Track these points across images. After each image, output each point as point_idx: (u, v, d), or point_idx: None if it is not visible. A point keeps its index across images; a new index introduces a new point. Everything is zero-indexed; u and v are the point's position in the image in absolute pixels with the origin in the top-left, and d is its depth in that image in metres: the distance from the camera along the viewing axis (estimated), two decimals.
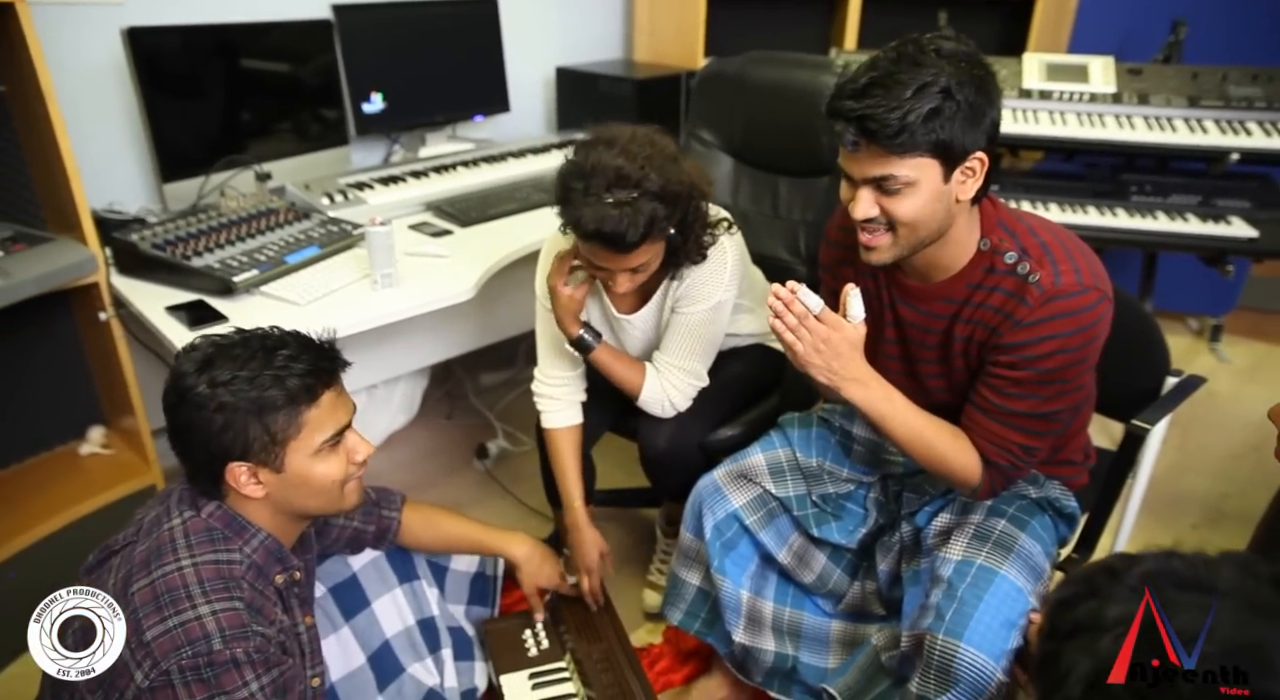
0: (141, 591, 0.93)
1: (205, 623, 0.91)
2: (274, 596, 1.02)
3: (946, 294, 1.21)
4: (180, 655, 0.89)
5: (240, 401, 0.96)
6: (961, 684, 1.14)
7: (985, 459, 1.21)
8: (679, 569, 1.56)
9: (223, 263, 1.70)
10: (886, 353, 1.31)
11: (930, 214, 1.11)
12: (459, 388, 2.67)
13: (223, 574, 0.96)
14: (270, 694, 0.94)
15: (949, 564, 1.23)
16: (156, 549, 0.97)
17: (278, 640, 0.98)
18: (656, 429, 1.57)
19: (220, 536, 0.99)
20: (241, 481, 0.99)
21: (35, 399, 1.87)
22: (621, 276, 1.39)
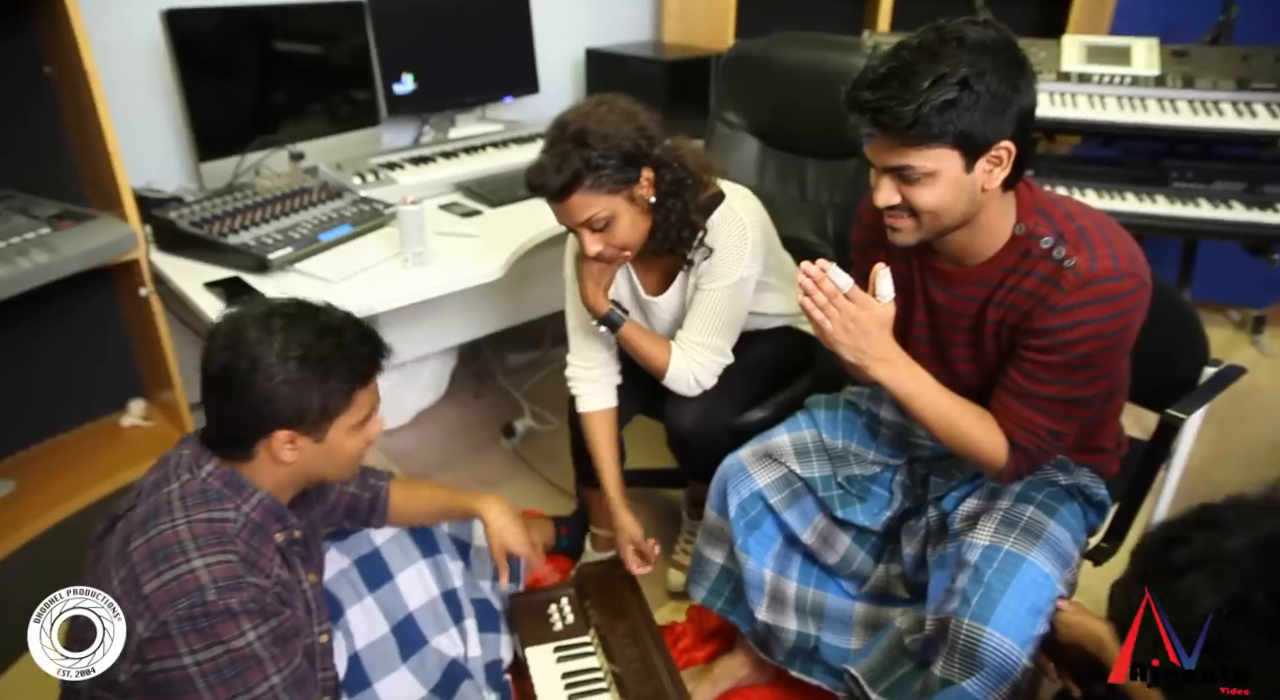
0: (139, 549, 0.96)
1: (199, 575, 0.93)
2: (273, 553, 1.04)
3: (980, 278, 1.20)
4: (176, 607, 0.92)
5: (308, 377, 1.00)
6: (986, 669, 1.15)
7: (1011, 442, 1.20)
8: (703, 547, 1.57)
9: (258, 240, 1.74)
10: (917, 335, 1.30)
11: (952, 203, 1.10)
12: (487, 367, 2.70)
13: (215, 530, 0.98)
14: (269, 643, 0.97)
15: (976, 549, 1.23)
16: (154, 510, 0.99)
17: (274, 592, 1.00)
18: (684, 410, 1.58)
19: (215, 496, 1.02)
20: (279, 447, 1.02)
21: (79, 372, 1.92)
22: (585, 235, 1.40)
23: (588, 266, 1.49)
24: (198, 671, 0.93)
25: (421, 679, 1.39)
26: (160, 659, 0.92)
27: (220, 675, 0.94)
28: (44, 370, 1.86)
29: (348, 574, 1.38)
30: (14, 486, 1.78)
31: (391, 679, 1.37)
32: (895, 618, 1.44)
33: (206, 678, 0.93)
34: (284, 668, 0.99)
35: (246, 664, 0.95)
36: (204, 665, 0.93)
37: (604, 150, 1.33)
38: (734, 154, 2.05)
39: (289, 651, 1.00)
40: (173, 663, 0.92)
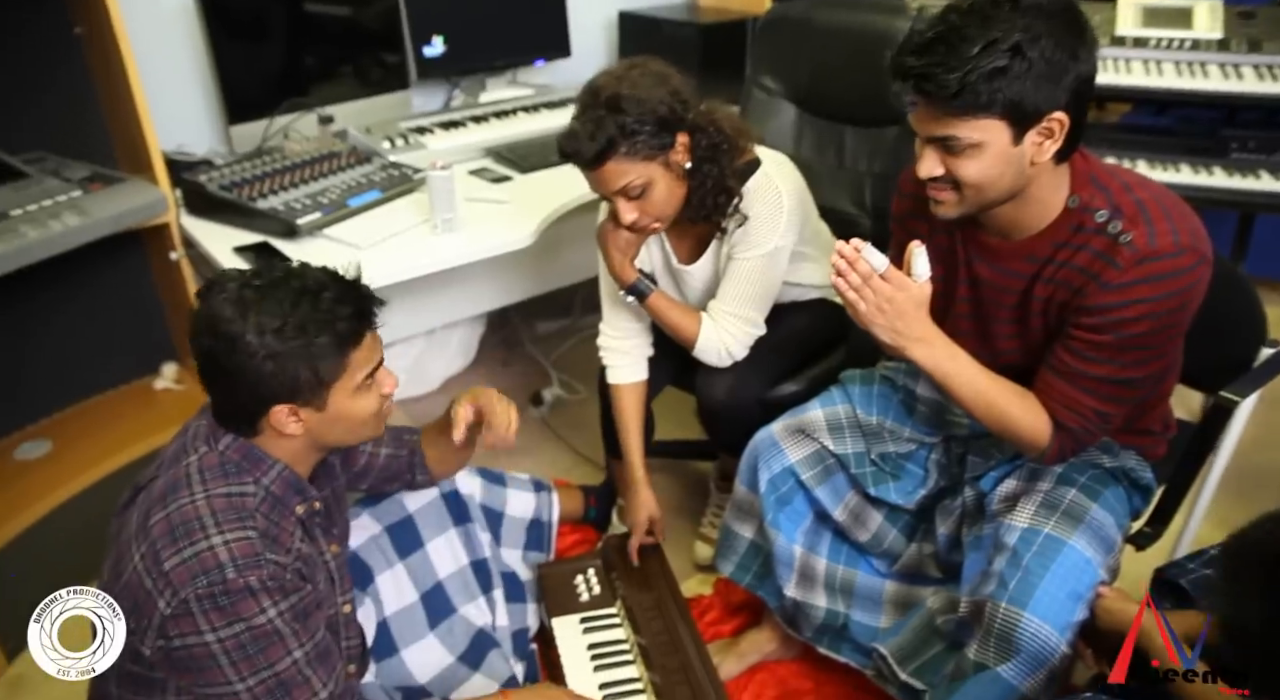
0: (158, 524, 0.95)
1: (218, 552, 0.93)
2: (294, 526, 1.03)
3: (1028, 252, 1.15)
4: (196, 584, 0.91)
5: (291, 348, 0.95)
6: (1023, 654, 1.12)
7: (1056, 422, 1.16)
8: (732, 522, 1.55)
9: (287, 205, 1.72)
10: (958, 312, 1.26)
11: (998, 176, 1.05)
12: (515, 335, 2.68)
13: (234, 505, 0.97)
14: (290, 619, 0.97)
15: (1014, 531, 1.19)
16: (173, 484, 0.99)
17: (294, 567, 0.99)
18: (715, 382, 1.55)
19: (234, 470, 1.00)
20: (281, 421, 1.00)
21: (112, 335, 1.94)
22: (619, 203, 1.36)
23: (613, 236, 1.45)
24: (220, 648, 0.93)
25: (449, 647, 1.40)
26: (183, 635, 0.93)
27: (243, 651, 0.94)
28: (78, 332, 1.88)
29: (379, 541, 1.39)
30: (51, 447, 1.80)
31: (419, 646, 1.37)
32: (926, 597, 1.41)
33: (229, 654, 0.93)
34: (306, 642, 0.99)
35: (268, 640, 0.95)
36: (226, 642, 0.93)
37: (638, 115, 1.29)
38: (770, 121, 1.99)
39: (310, 626, 1.00)
40: (195, 639, 0.93)
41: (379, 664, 1.33)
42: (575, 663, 1.41)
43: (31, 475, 1.74)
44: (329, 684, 1.00)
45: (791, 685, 1.56)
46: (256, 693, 0.95)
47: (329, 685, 1.00)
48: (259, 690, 0.95)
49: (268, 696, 0.96)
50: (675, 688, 1.34)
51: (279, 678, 0.96)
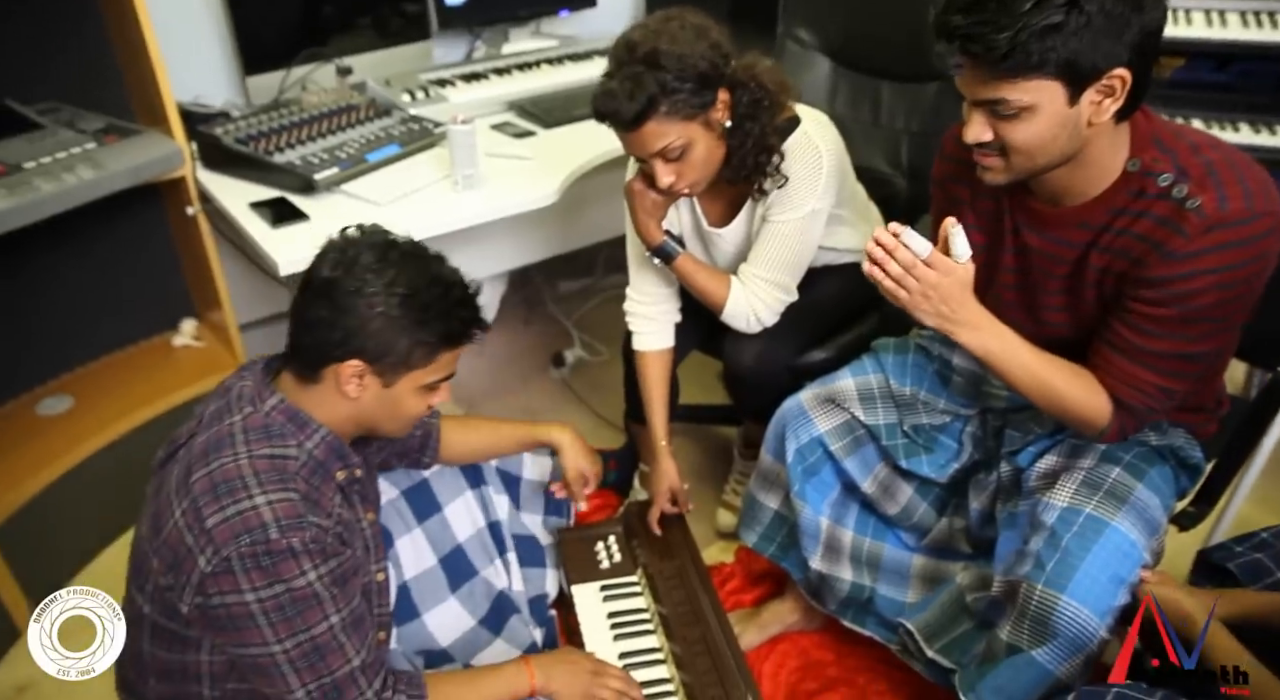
0: (200, 481, 0.94)
1: (261, 512, 0.91)
2: (333, 492, 1.02)
3: (1082, 219, 1.08)
4: (239, 543, 0.90)
5: (406, 318, 0.97)
6: (1060, 638, 1.08)
7: (1116, 400, 1.10)
8: (757, 491, 1.52)
9: (304, 160, 1.68)
10: (1003, 282, 1.19)
11: (1050, 140, 0.99)
12: (537, 294, 2.64)
13: (277, 467, 0.96)
14: (329, 583, 0.95)
15: (1053, 510, 1.15)
16: (216, 441, 0.97)
17: (335, 531, 0.98)
18: (743, 348, 1.50)
19: (278, 432, 0.99)
20: (347, 377, 0.99)
21: (131, 290, 1.92)
22: (657, 165, 1.29)
23: (641, 196, 1.39)
24: (259, 608, 0.92)
25: (470, 610, 1.39)
26: (221, 593, 0.91)
27: (281, 613, 0.92)
28: (96, 288, 1.86)
29: (396, 505, 1.37)
30: (72, 403, 1.80)
31: (440, 609, 1.36)
32: (955, 573, 1.37)
33: (268, 615, 0.92)
34: (343, 608, 0.97)
35: (307, 603, 0.94)
36: (265, 602, 0.92)
37: (679, 72, 1.21)
38: (803, 75, 1.91)
39: (348, 592, 0.99)
40: (234, 598, 0.91)
41: (400, 628, 1.32)
42: (595, 631, 1.39)
43: (54, 431, 1.73)
44: (362, 651, 0.99)
45: (813, 656, 1.55)
46: (292, 655, 0.94)
47: (362, 652, 0.99)
48: (295, 653, 0.94)
49: (303, 660, 0.95)
50: (696, 658, 1.32)
51: (315, 642, 0.95)
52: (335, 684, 0.97)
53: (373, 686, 1.00)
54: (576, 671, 1.19)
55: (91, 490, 1.71)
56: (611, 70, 1.25)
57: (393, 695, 1.01)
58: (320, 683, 0.96)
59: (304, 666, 0.95)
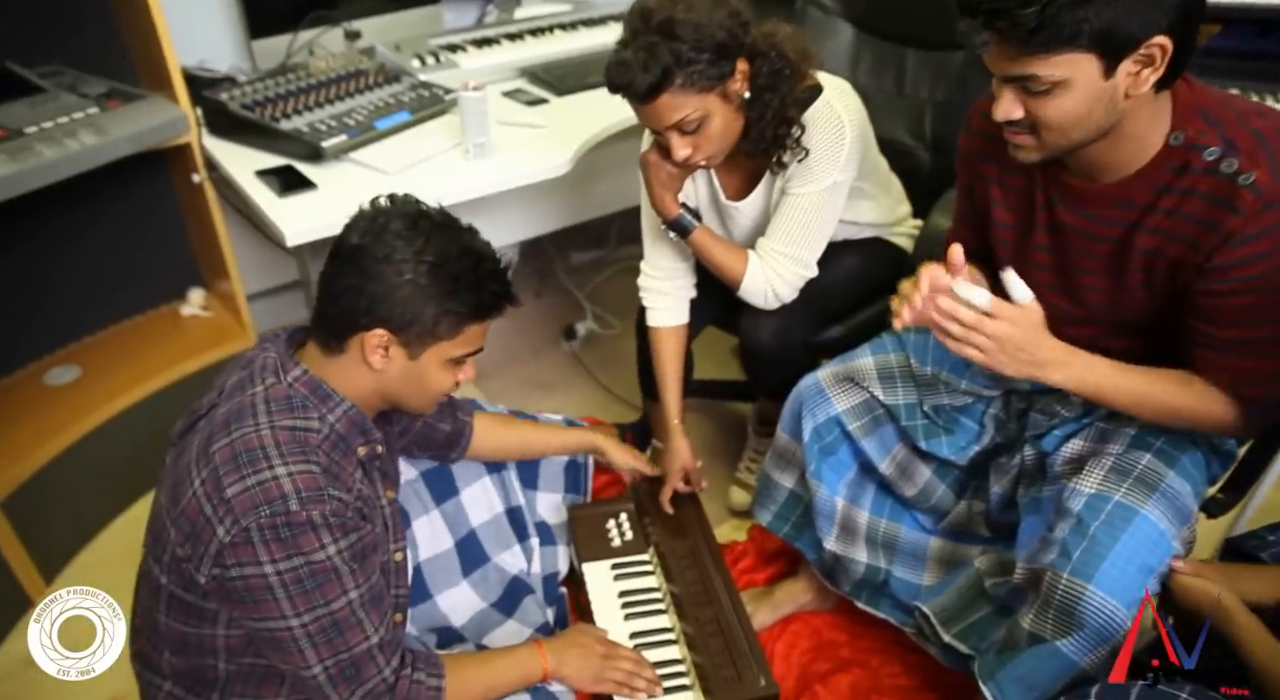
0: (221, 450, 0.92)
1: (282, 483, 0.90)
2: (354, 466, 1.01)
3: (1122, 197, 1.03)
4: (259, 514, 0.88)
5: (434, 287, 0.95)
6: (1086, 629, 1.05)
7: (1236, 396, 1.04)
8: (771, 470, 1.49)
9: (311, 126, 1.64)
10: (1036, 262, 1.15)
11: (1085, 116, 0.94)
12: (549, 266, 2.60)
13: (298, 440, 0.94)
14: (349, 558, 0.93)
15: (1080, 497, 1.11)
16: (237, 412, 0.96)
17: (355, 506, 0.97)
18: (760, 324, 1.46)
19: (300, 404, 0.97)
20: (373, 347, 0.97)
21: (138, 259, 1.89)
22: (673, 138, 1.25)
23: (657, 168, 1.35)
24: (278, 581, 0.90)
25: (482, 594, 1.38)
26: (240, 565, 0.90)
27: (300, 586, 0.91)
28: (103, 257, 1.84)
29: (415, 486, 1.35)
30: (79, 372, 1.78)
31: (452, 592, 1.35)
32: (973, 557, 1.35)
33: (286, 588, 0.90)
34: (362, 584, 0.96)
35: (326, 577, 0.92)
36: (284, 575, 0.90)
37: (695, 42, 1.16)
38: (825, 42, 1.85)
39: (367, 568, 0.97)
40: (253, 570, 0.90)
41: (413, 608, 1.30)
42: (606, 610, 1.38)
43: (62, 401, 1.72)
44: (380, 629, 0.98)
45: (826, 637, 1.53)
46: (310, 630, 0.93)
47: (380, 630, 0.98)
48: (313, 628, 0.93)
49: (321, 635, 0.93)
50: (708, 639, 1.30)
51: (333, 617, 0.93)
52: (353, 660, 0.95)
53: (390, 664, 0.98)
54: (588, 655, 1.18)
55: (100, 461, 1.70)
56: (625, 39, 1.20)
57: (411, 673, 1.00)
58: (338, 659, 0.94)
59: (322, 642, 0.93)
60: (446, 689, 1.03)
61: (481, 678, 1.09)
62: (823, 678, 1.45)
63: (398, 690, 0.99)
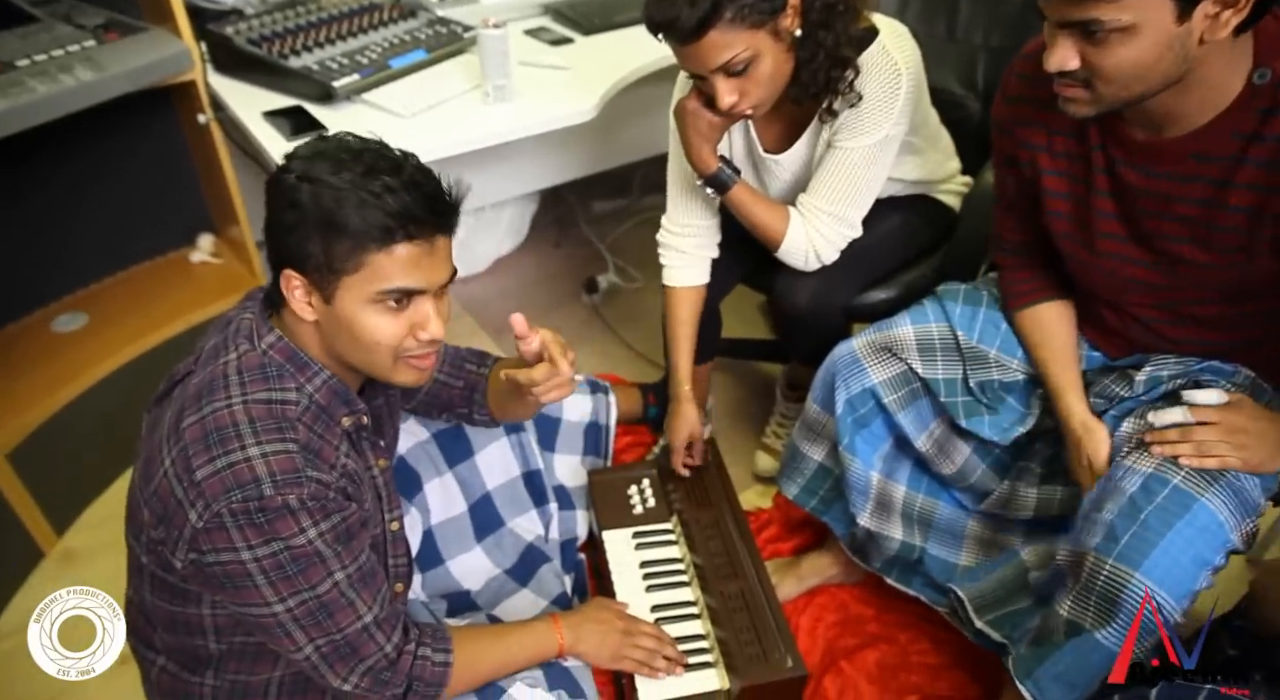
0: (191, 427, 0.85)
1: (255, 466, 0.83)
2: (339, 440, 0.93)
3: (1199, 149, 0.93)
4: (230, 498, 0.82)
5: (313, 208, 0.82)
6: (1129, 620, 0.99)
7: None
8: (800, 441, 1.43)
9: (322, 64, 1.54)
10: (1101, 231, 1.05)
11: (1151, 65, 0.84)
12: (570, 214, 2.51)
13: (275, 414, 0.86)
14: (332, 540, 0.87)
15: (1135, 476, 1.03)
16: (209, 384, 0.88)
17: (337, 485, 0.89)
18: (797, 285, 1.37)
19: (275, 374, 0.89)
20: (295, 294, 0.87)
21: (146, 203, 1.82)
22: (719, 83, 1.14)
23: (695, 117, 1.24)
24: (256, 567, 0.85)
25: (496, 560, 1.33)
26: (216, 550, 0.84)
27: (281, 572, 0.86)
28: (111, 201, 1.76)
29: (427, 447, 1.30)
30: (87, 320, 1.73)
31: (465, 557, 1.31)
32: (1015, 542, 1.28)
33: (266, 574, 0.85)
34: (349, 564, 0.90)
35: (308, 561, 0.86)
36: (263, 561, 0.85)
37: None
38: None
39: (354, 548, 0.91)
40: (229, 556, 0.84)
41: (424, 574, 1.26)
42: (626, 581, 1.33)
43: (70, 349, 1.67)
44: (374, 607, 0.93)
45: (853, 611, 1.48)
46: (297, 614, 0.88)
47: (374, 608, 0.92)
48: (299, 612, 0.88)
49: (308, 618, 0.88)
50: (733, 614, 1.25)
51: (320, 600, 0.88)
52: (347, 641, 0.90)
53: (391, 641, 0.94)
54: (606, 631, 1.13)
55: (109, 411, 1.66)
56: None
57: (416, 649, 0.96)
58: (330, 639, 0.90)
59: (310, 624, 0.88)
60: (455, 663, 0.98)
61: (493, 652, 1.04)
62: (849, 653, 1.41)
63: (400, 666, 0.94)
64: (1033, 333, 1.22)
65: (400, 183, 0.83)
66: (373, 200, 0.82)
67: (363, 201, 0.82)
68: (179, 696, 0.98)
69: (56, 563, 1.58)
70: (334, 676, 0.91)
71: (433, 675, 0.96)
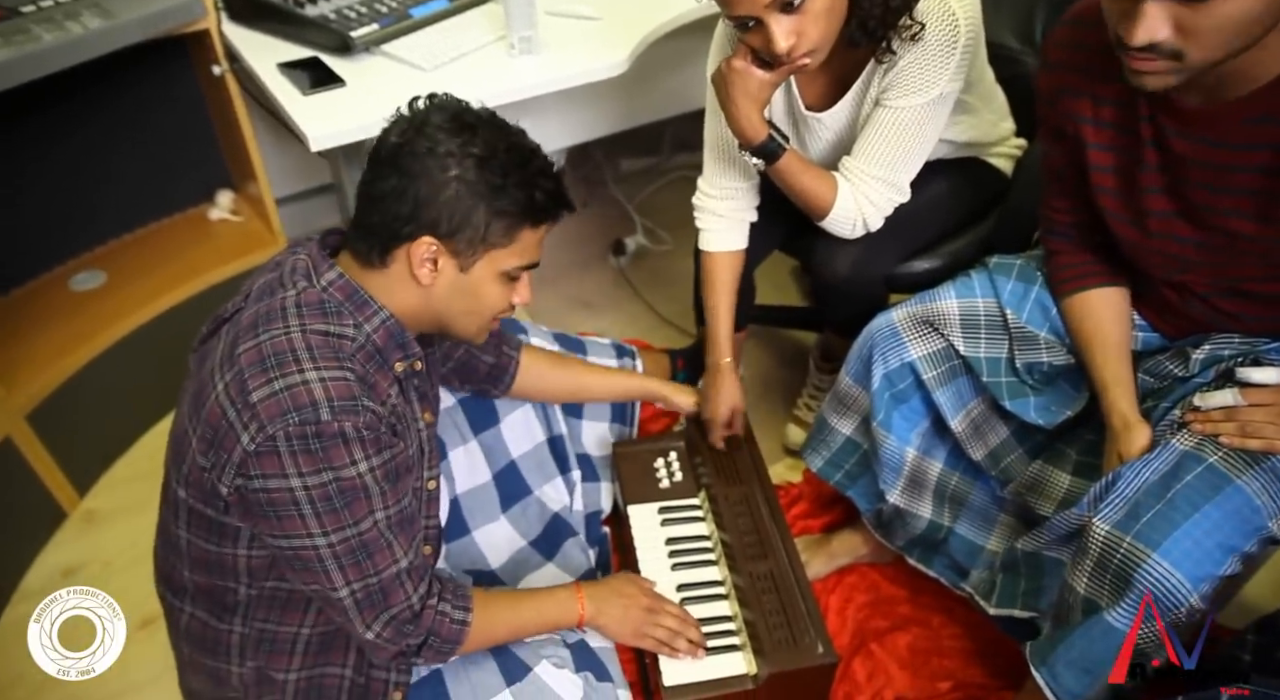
0: (248, 352, 0.84)
1: (313, 389, 0.82)
2: (389, 383, 0.93)
3: (1257, 113, 0.85)
4: (287, 421, 0.80)
5: (484, 184, 0.86)
6: (1138, 600, 0.92)
7: None
8: (829, 414, 1.37)
9: (339, 13, 1.47)
10: (1149, 208, 0.97)
11: (1252, 23, 0.76)
12: (598, 172, 2.43)
13: (331, 345, 0.86)
14: (380, 477, 0.86)
15: (1168, 454, 0.96)
16: (266, 314, 0.87)
17: (389, 421, 0.89)
18: (838, 253, 1.30)
19: (334, 310, 0.88)
20: (421, 258, 0.88)
21: (165, 159, 1.78)
22: (773, 24, 1.02)
23: (743, 77, 1.13)
24: (305, 496, 0.82)
25: (521, 530, 1.30)
26: (264, 476, 0.82)
27: (329, 503, 0.83)
28: (128, 156, 1.72)
29: (452, 414, 1.26)
30: (105, 278, 1.70)
31: (490, 528, 1.28)
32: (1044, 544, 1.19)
33: (314, 504, 0.83)
34: (391, 505, 0.88)
35: (355, 495, 0.84)
36: (312, 490, 0.82)
37: None
38: None
39: (399, 489, 0.90)
40: (277, 482, 0.82)
41: (449, 544, 1.24)
42: (652, 558, 1.29)
43: (89, 308, 1.65)
44: (409, 553, 0.91)
45: (885, 591, 1.44)
46: (338, 550, 0.85)
47: (409, 554, 0.91)
48: (341, 549, 0.85)
49: (349, 556, 0.86)
50: (761, 596, 1.21)
51: (362, 538, 0.86)
52: (381, 585, 0.88)
53: (418, 592, 0.91)
54: (629, 607, 1.10)
55: (129, 370, 1.64)
56: None
57: (438, 603, 0.93)
58: (365, 583, 0.88)
59: (349, 563, 0.86)
60: (473, 623, 0.96)
61: (512, 615, 1.02)
62: (879, 636, 1.37)
63: (423, 619, 0.92)
64: (1080, 320, 1.14)
65: (548, 165, 0.91)
66: (535, 183, 0.89)
67: (528, 183, 0.88)
68: (207, 643, 0.97)
69: (79, 523, 1.58)
70: (360, 623, 0.89)
71: (449, 632, 0.94)
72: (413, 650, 0.93)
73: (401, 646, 0.92)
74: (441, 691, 0.99)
